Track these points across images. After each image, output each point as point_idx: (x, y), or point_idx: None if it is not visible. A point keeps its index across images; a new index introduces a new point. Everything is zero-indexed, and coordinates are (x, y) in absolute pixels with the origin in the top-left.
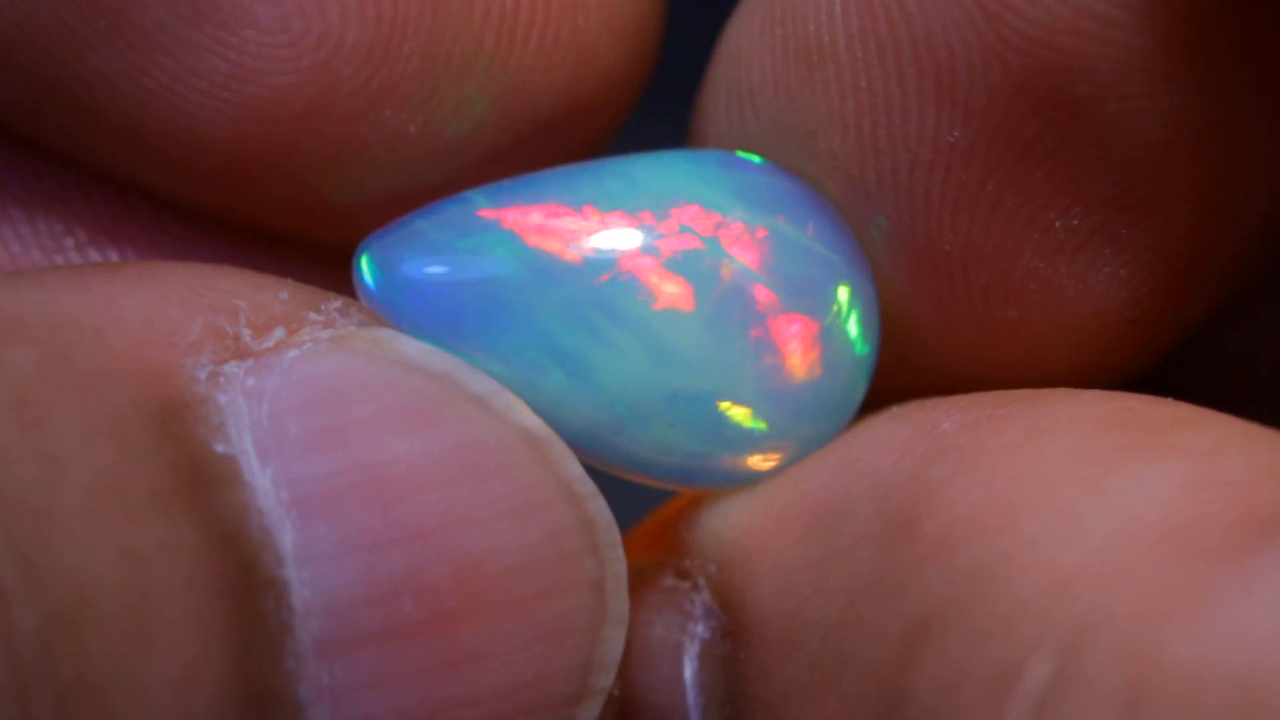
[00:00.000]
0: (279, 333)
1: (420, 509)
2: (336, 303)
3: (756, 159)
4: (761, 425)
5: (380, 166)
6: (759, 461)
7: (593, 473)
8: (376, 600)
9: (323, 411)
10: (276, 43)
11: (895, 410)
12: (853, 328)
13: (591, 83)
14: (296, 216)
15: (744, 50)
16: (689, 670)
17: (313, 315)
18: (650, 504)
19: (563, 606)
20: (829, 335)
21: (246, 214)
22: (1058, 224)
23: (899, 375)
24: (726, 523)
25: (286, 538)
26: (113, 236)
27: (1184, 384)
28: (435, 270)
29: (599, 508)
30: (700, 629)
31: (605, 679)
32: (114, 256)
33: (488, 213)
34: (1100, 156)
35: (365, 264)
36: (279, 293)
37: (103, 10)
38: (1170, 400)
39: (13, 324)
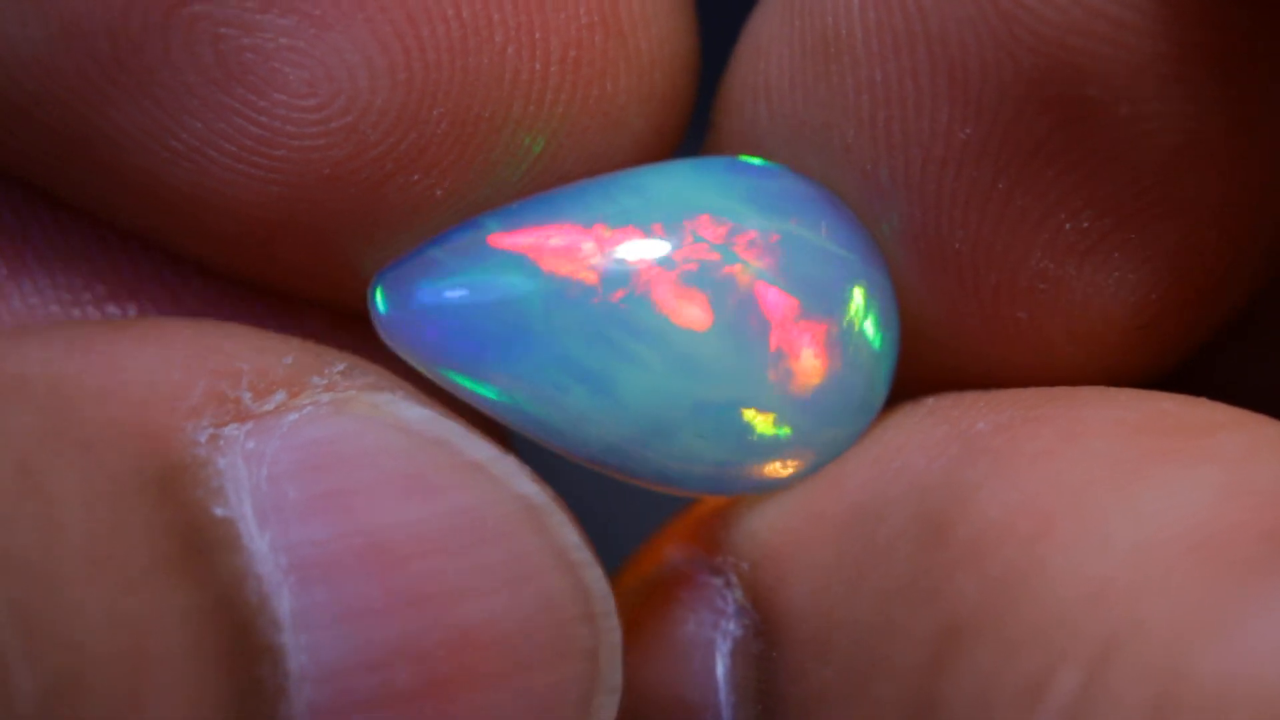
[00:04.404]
0: (280, 396)
1: (417, 576)
2: (340, 365)
3: (765, 162)
4: (786, 430)
5: (406, 230)
6: (785, 467)
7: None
8: (372, 667)
9: (322, 476)
10: (305, 106)
11: (931, 404)
12: (871, 327)
13: (620, 146)
14: (321, 280)
15: (763, 44)
16: (721, 667)
17: (315, 379)
18: (677, 507)
19: (557, 675)
20: (847, 336)
21: (271, 276)
22: (1068, 225)
23: (911, 372)
24: (762, 521)
25: (284, 603)
26: (133, 292)
27: (1197, 387)
28: (451, 296)
29: (594, 576)
30: (733, 626)
31: None
32: (133, 312)
33: (501, 236)
34: (1111, 159)
35: (380, 294)
36: (283, 357)
37: (131, 71)
38: (1205, 401)
39: (16, 385)
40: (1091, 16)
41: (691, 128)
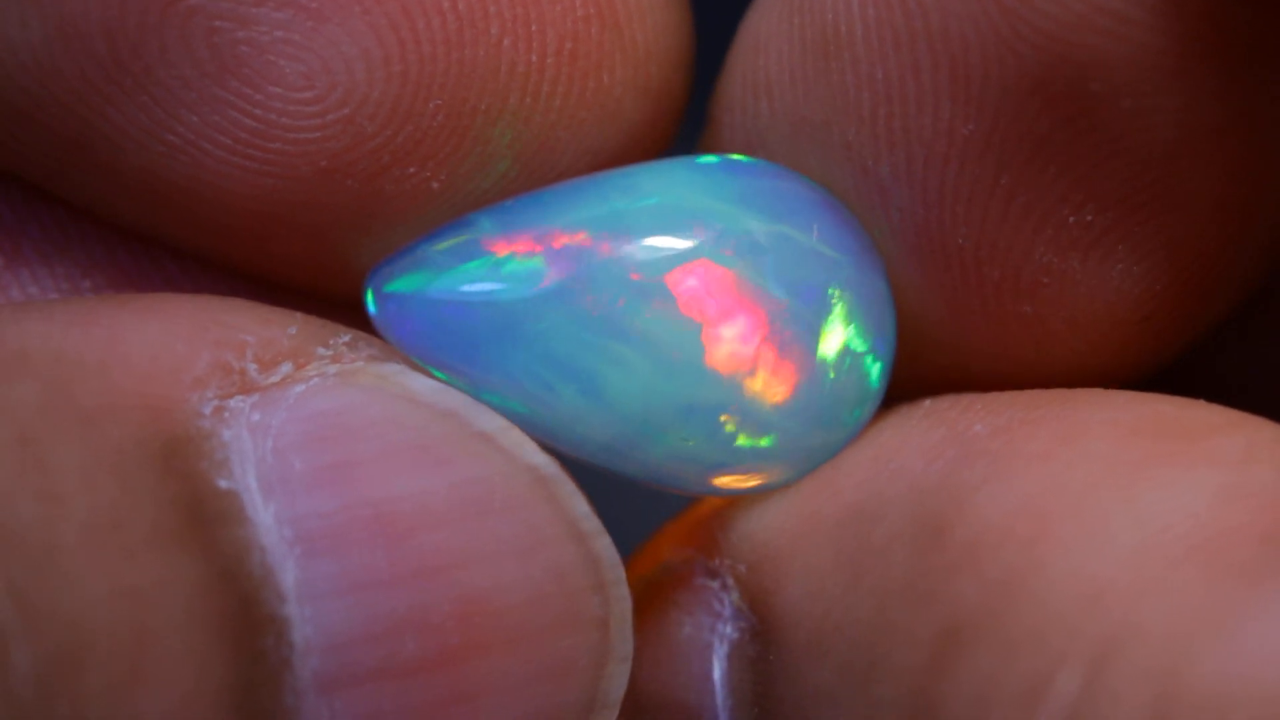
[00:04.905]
0: (286, 367)
1: (425, 547)
2: (345, 337)
3: (759, 161)
4: (772, 433)
5: (402, 222)
6: (773, 470)
7: (616, 478)
8: (378, 638)
9: (328, 447)
10: (302, 99)
11: (928, 406)
12: (860, 331)
13: (616, 138)
14: (318, 272)
15: (762, 40)
16: (718, 670)
17: (320, 350)
18: (674, 508)
19: (567, 644)
20: (835, 340)
21: (268, 269)
22: (1071, 219)
23: (911, 371)
24: (758, 523)
25: (288, 575)
26: (132, 283)
27: (1198, 383)
28: (444, 295)
29: (604, 545)
30: (729, 629)
31: (607, 717)
32: None
33: (493, 236)
34: (1114, 153)
35: (371, 295)
36: (288, 327)
37: (128, 68)
38: (1202, 403)
39: (16, 358)
40: (1094, 11)
41: (685, 122)
